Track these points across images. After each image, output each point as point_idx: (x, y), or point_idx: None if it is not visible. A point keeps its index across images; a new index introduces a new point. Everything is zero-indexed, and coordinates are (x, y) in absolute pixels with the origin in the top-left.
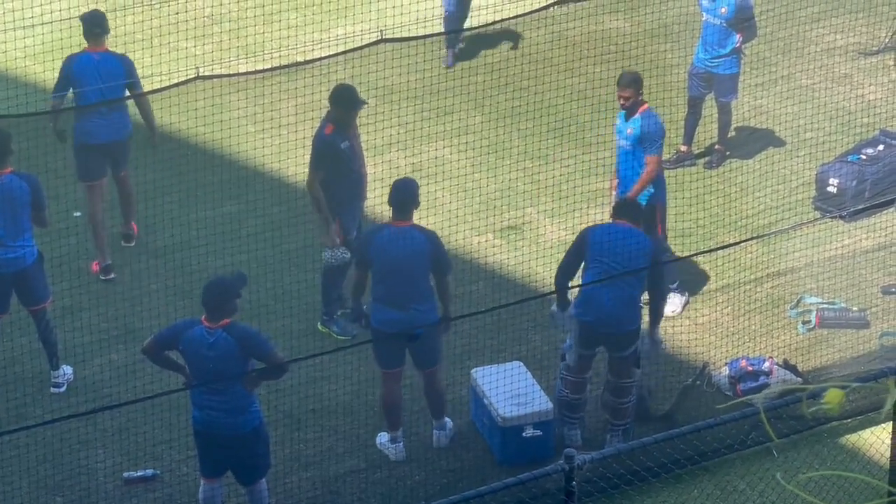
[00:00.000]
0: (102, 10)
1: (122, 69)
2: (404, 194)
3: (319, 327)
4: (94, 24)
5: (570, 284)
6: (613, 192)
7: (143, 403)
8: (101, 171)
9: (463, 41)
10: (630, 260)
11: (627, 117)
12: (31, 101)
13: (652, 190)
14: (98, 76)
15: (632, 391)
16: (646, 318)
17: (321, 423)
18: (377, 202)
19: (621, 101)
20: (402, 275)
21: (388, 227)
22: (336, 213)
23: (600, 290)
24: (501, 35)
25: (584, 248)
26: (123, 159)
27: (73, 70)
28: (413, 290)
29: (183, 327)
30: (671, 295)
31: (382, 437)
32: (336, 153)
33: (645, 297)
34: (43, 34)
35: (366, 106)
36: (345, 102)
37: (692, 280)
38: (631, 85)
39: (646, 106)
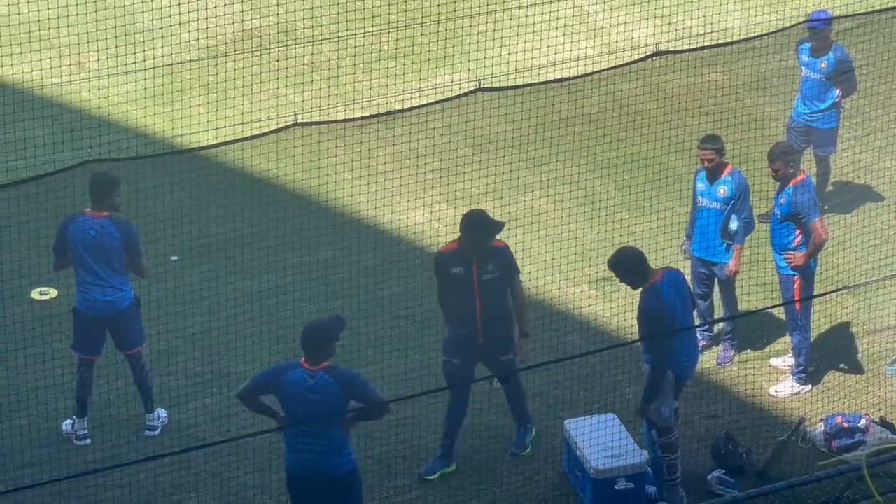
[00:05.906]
0: (201, 56)
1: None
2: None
3: None
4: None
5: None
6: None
7: (235, 448)
8: None
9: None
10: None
11: (780, 189)
12: (132, 146)
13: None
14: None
15: None
16: None
17: (412, 470)
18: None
19: (771, 174)
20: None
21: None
22: None
23: (688, 340)
24: (599, 86)
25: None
26: None
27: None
28: None
29: (281, 371)
30: (789, 378)
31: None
32: None
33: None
34: (145, 80)
35: (461, 156)
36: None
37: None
38: (779, 158)
39: (801, 177)
